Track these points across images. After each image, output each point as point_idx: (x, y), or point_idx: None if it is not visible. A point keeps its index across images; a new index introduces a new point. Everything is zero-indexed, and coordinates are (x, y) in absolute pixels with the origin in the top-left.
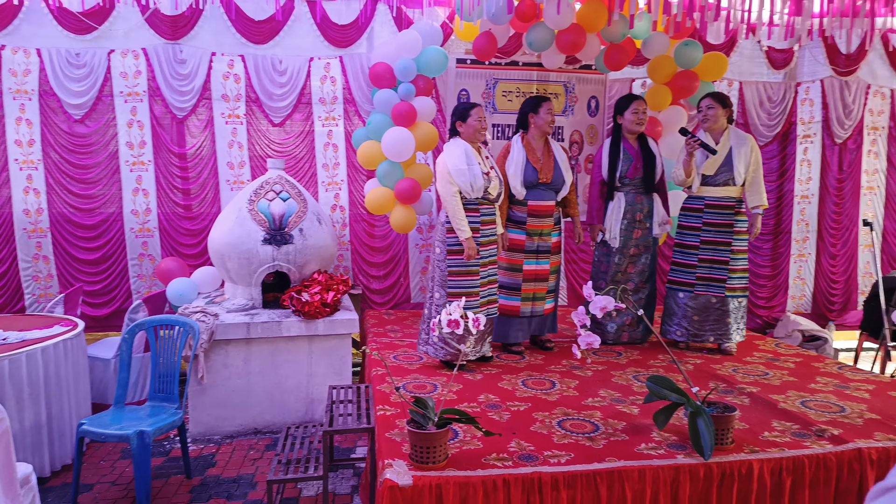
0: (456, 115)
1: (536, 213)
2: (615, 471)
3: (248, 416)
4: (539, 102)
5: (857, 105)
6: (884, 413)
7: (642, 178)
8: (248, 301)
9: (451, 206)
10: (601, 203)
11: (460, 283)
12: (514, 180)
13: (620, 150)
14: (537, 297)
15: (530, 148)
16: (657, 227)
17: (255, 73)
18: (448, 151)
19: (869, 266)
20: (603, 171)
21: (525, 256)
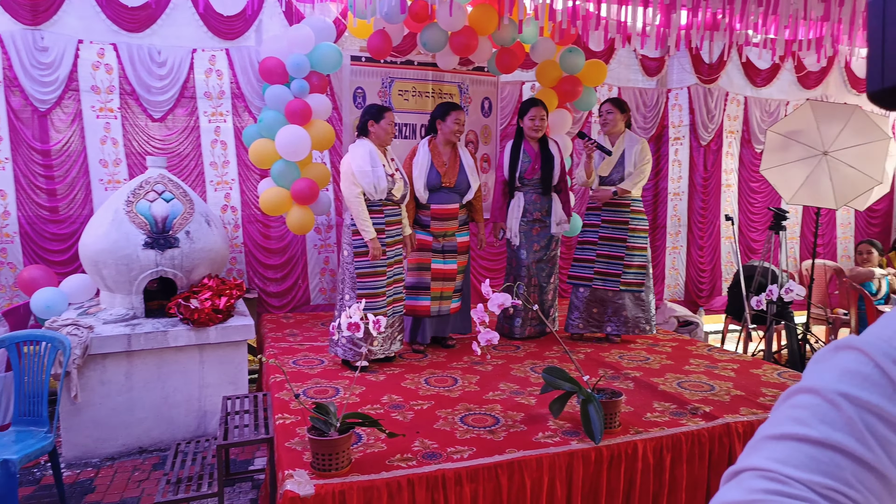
0: (370, 114)
1: (440, 216)
2: (515, 461)
3: (132, 434)
4: (448, 111)
5: (718, 110)
6: (747, 389)
7: (540, 178)
8: (129, 310)
9: (354, 207)
10: (503, 202)
11: (368, 284)
12: (418, 183)
13: (521, 151)
14: (444, 296)
15: (437, 152)
16: (555, 227)
17: (131, 64)
18: (353, 153)
19: (730, 256)
20: (504, 170)
21: (433, 255)
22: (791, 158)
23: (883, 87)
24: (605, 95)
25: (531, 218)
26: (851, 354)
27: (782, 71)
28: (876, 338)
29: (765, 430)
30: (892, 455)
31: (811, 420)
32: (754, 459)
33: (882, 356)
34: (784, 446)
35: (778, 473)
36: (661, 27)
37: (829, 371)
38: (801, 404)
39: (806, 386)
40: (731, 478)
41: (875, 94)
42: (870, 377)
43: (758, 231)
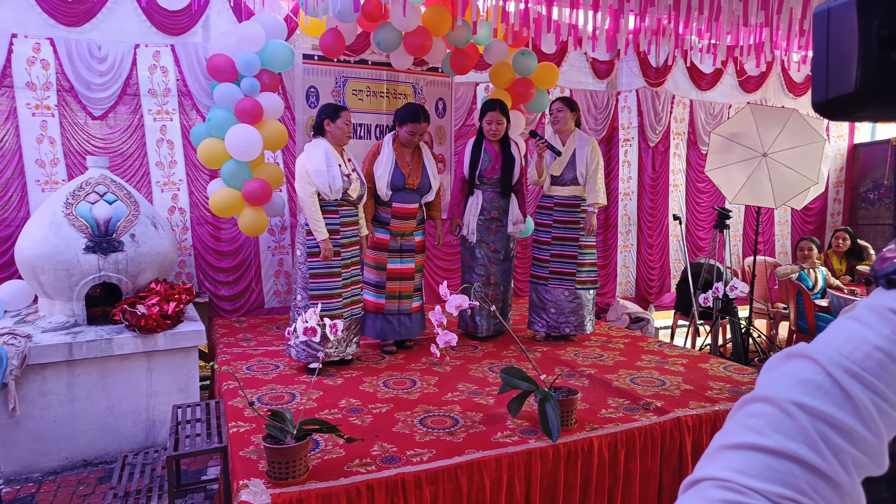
0: (326, 113)
1: (400, 214)
2: (474, 462)
3: (76, 447)
4: (405, 120)
5: (665, 113)
6: (696, 383)
7: (500, 178)
8: (70, 318)
9: (308, 206)
10: (461, 198)
11: (322, 284)
12: (381, 182)
13: (482, 149)
14: (403, 295)
15: (400, 152)
16: (511, 226)
17: (69, 60)
18: (308, 152)
19: (678, 254)
20: (464, 168)
21: (389, 255)
22: (733, 160)
23: (827, 98)
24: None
25: (489, 216)
26: (803, 363)
27: (725, 75)
28: (826, 346)
29: (721, 439)
30: (844, 463)
31: (766, 429)
32: (712, 469)
33: (833, 365)
34: (740, 456)
35: (735, 483)
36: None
37: (783, 379)
38: (756, 413)
39: (760, 395)
40: (690, 487)
41: (820, 105)
42: (822, 386)
43: (704, 230)
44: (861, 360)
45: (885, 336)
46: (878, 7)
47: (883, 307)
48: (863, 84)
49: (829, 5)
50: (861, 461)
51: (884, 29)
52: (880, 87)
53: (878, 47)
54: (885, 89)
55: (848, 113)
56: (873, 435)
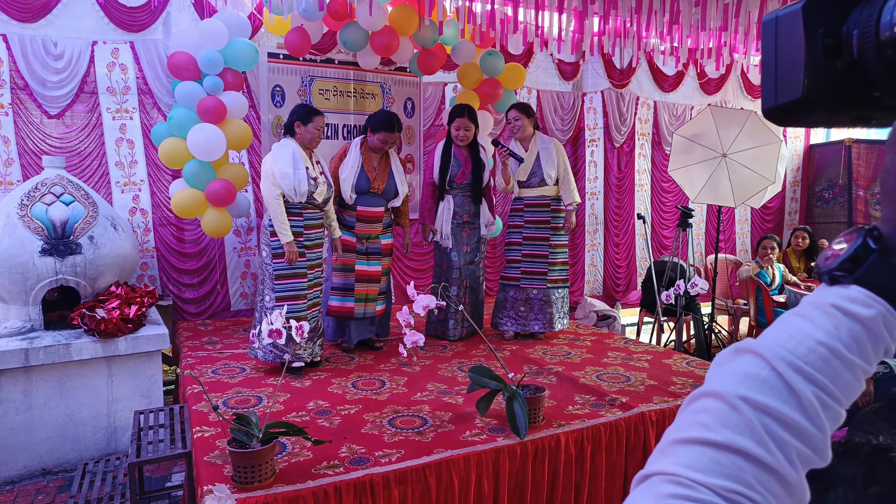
0: (298, 115)
1: (365, 218)
2: (443, 461)
3: (34, 455)
4: (378, 128)
5: (630, 114)
6: (659, 379)
7: (470, 183)
8: (26, 323)
9: (273, 208)
10: (432, 204)
11: (287, 285)
12: (345, 185)
13: (451, 155)
14: (369, 297)
15: (368, 156)
16: (484, 229)
17: (23, 56)
18: (275, 152)
19: (644, 252)
20: (434, 173)
21: (357, 257)
22: (694, 160)
23: (776, 104)
24: (525, 98)
25: (460, 221)
26: (750, 358)
27: (686, 77)
28: (772, 342)
29: (672, 434)
30: (790, 457)
31: (714, 424)
32: (662, 464)
33: (778, 360)
34: (689, 450)
35: (684, 478)
36: (576, 33)
37: (730, 375)
38: (705, 408)
39: (709, 390)
40: (642, 481)
41: (769, 111)
42: (767, 381)
43: (669, 228)
44: (804, 355)
45: (827, 331)
46: (823, 16)
47: (826, 303)
48: (809, 91)
49: (776, 14)
50: (805, 454)
51: (828, 37)
52: (825, 93)
53: (823, 55)
54: (830, 96)
55: (796, 119)
56: (817, 428)
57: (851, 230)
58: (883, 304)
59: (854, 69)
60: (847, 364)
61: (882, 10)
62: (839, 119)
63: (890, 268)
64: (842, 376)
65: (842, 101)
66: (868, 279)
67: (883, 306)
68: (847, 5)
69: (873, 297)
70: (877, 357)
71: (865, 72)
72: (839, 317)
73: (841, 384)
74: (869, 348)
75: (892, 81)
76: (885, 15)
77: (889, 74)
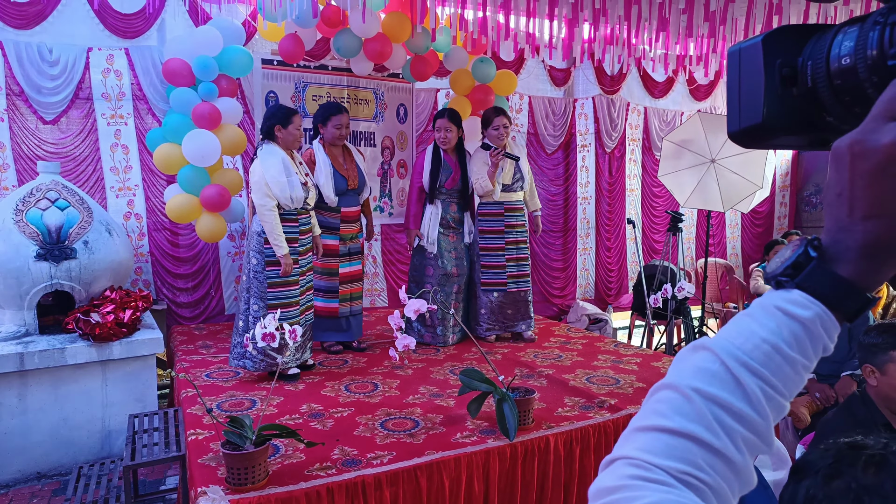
0: (277, 118)
1: (348, 218)
2: (433, 463)
3: (29, 459)
4: (328, 115)
5: (620, 119)
6: (648, 381)
7: (459, 189)
8: (20, 327)
9: (269, 221)
10: (419, 209)
11: (280, 293)
12: (327, 189)
13: (441, 160)
14: (354, 296)
15: (332, 155)
16: (467, 236)
17: (19, 63)
18: (264, 161)
19: (635, 256)
20: (424, 178)
21: (340, 260)
22: (684, 165)
23: (740, 129)
24: (517, 104)
25: (447, 226)
26: (704, 354)
27: (676, 84)
28: (723, 339)
29: (634, 423)
30: (736, 442)
31: (669, 412)
32: (625, 449)
33: (727, 355)
34: (648, 437)
35: (642, 461)
36: (566, 40)
37: (686, 369)
38: (663, 398)
39: (667, 382)
40: (607, 465)
41: (733, 135)
42: (717, 374)
43: (660, 232)
44: (750, 351)
45: (771, 330)
46: (781, 48)
47: (770, 304)
48: (768, 116)
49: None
50: (750, 440)
51: (785, 67)
52: (783, 118)
53: (781, 83)
54: (788, 121)
55: (758, 141)
56: (760, 416)
57: (798, 239)
58: (820, 306)
59: (809, 96)
60: (788, 360)
61: (832, 44)
62: (797, 142)
63: (827, 274)
64: (783, 370)
65: (799, 126)
66: (807, 284)
67: (820, 308)
68: (802, 39)
69: (811, 300)
70: (816, 354)
71: (819, 99)
72: (781, 317)
73: (782, 377)
74: (808, 346)
75: (841, 108)
76: (834, 48)
77: (839, 102)
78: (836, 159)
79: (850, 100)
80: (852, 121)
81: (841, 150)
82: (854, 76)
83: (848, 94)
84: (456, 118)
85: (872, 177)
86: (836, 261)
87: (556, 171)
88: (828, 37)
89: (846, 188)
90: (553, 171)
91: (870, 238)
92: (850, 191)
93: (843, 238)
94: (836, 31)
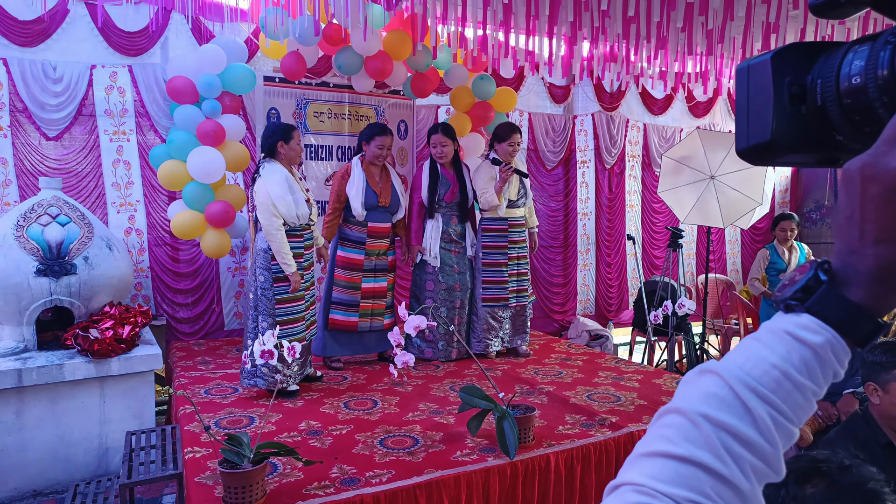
0: (279, 135)
1: (375, 234)
2: (433, 482)
3: (25, 477)
4: (373, 135)
5: (620, 136)
6: (649, 398)
7: (458, 202)
8: (19, 343)
9: (276, 240)
10: (420, 224)
11: (288, 309)
12: (356, 202)
13: (439, 174)
14: (375, 312)
15: (369, 172)
16: (469, 249)
17: (23, 80)
18: (268, 180)
19: (635, 272)
20: (423, 193)
21: (364, 275)
22: (683, 182)
23: (748, 146)
24: (517, 121)
25: (448, 240)
26: (711, 378)
27: (675, 101)
28: (731, 363)
29: (640, 448)
30: (744, 470)
31: (677, 438)
32: (630, 475)
33: (735, 381)
34: (654, 462)
35: (648, 488)
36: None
37: (693, 393)
38: (669, 423)
39: (674, 407)
40: (612, 491)
41: (742, 152)
42: (725, 399)
43: (660, 248)
44: (759, 377)
45: (781, 355)
46: (790, 66)
47: (780, 329)
48: (777, 134)
49: (748, 63)
50: (759, 468)
51: (794, 85)
52: (792, 136)
53: (790, 101)
54: (796, 139)
55: (766, 158)
56: (769, 444)
57: (807, 263)
58: (831, 331)
59: (818, 115)
60: (798, 386)
61: (842, 63)
62: (806, 160)
63: (837, 299)
64: (793, 397)
65: (807, 144)
66: (817, 308)
67: (830, 334)
68: (812, 57)
69: (822, 325)
70: (826, 380)
71: (828, 118)
72: (791, 342)
73: (792, 404)
74: (818, 372)
75: (851, 127)
76: (844, 67)
77: (849, 121)
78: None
79: (860, 119)
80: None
81: (852, 172)
82: (864, 95)
83: (858, 114)
84: (450, 132)
85: (884, 200)
86: (847, 285)
87: (556, 186)
88: (838, 55)
89: (857, 211)
90: (553, 187)
91: (881, 262)
92: (861, 214)
93: (853, 262)
94: (846, 49)
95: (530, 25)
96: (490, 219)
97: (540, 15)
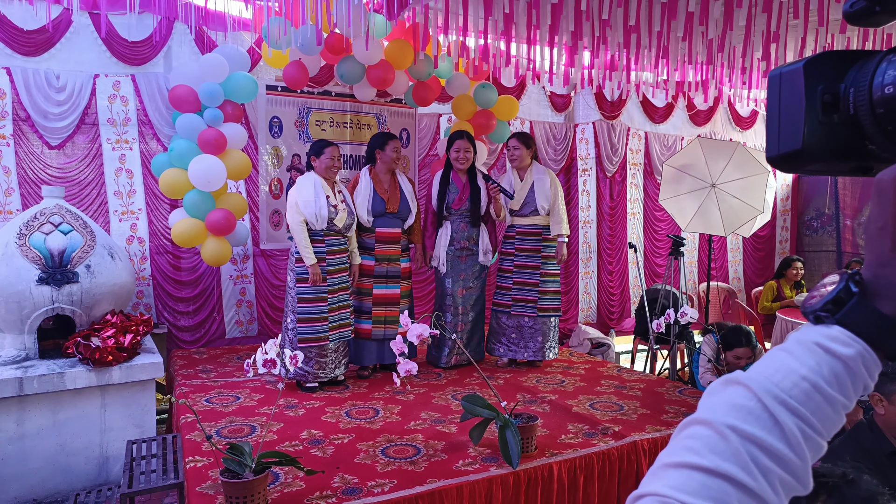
0: (312, 150)
1: (384, 239)
2: (435, 491)
3: (25, 486)
4: (386, 140)
5: (621, 144)
6: (652, 407)
7: (469, 209)
8: (20, 351)
9: (297, 234)
10: (432, 231)
11: (309, 308)
12: (361, 209)
13: (449, 181)
14: (389, 320)
15: (378, 180)
16: (482, 255)
17: (26, 89)
18: (299, 184)
19: (637, 280)
20: (432, 200)
21: (374, 281)
22: (684, 190)
23: (779, 153)
24: (518, 129)
25: (459, 247)
26: (738, 389)
27: (676, 109)
28: (759, 375)
29: (664, 458)
30: (772, 483)
31: (703, 450)
32: (655, 485)
33: (764, 392)
34: (679, 474)
35: (674, 499)
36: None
37: (720, 404)
38: (695, 435)
39: (699, 418)
40: (635, 501)
41: (772, 160)
42: (753, 411)
43: (662, 256)
44: (789, 389)
45: (811, 367)
46: (823, 74)
47: (810, 341)
48: (808, 142)
49: (781, 70)
50: (787, 481)
51: (827, 94)
52: (823, 145)
53: (822, 110)
54: (828, 147)
55: (797, 167)
56: (798, 457)
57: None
58: (862, 344)
59: (850, 124)
60: (828, 398)
61: (875, 72)
62: (838, 168)
63: (869, 310)
64: (822, 410)
65: (839, 153)
66: (848, 320)
67: (862, 346)
68: (845, 65)
69: (853, 338)
70: (856, 393)
71: (860, 127)
72: (821, 354)
73: (822, 417)
74: (848, 385)
75: (884, 137)
76: (877, 76)
77: (881, 130)
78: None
79: (892, 129)
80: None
81: (885, 183)
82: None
83: (891, 124)
84: (472, 139)
85: None
86: (878, 297)
87: None
88: (871, 64)
89: (889, 223)
90: None
91: None
92: (894, 225)
93: (885, 273)
94: (880, 58)
95: (531, 35)
96: (508, 226)
97: (541, 24)
